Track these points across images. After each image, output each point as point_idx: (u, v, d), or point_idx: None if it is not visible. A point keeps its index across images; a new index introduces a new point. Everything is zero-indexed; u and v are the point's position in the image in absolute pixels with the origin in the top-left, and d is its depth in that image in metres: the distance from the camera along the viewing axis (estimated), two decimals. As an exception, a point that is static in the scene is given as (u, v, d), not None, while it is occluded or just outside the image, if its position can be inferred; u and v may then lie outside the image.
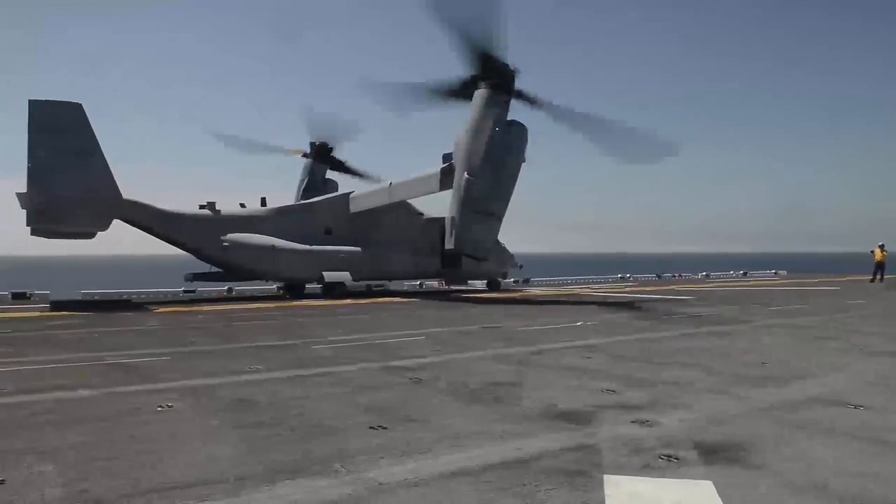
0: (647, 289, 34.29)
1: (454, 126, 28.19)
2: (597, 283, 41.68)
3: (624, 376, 9.80)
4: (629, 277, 45.64)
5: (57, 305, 24.83)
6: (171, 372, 10.38)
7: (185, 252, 30.83)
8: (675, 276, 48.24)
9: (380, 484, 5.16)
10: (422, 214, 34.50)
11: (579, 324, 17.45)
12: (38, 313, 21.94)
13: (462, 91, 27.09)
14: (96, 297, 29.73)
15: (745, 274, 50.40)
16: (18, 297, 29.44)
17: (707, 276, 48.26)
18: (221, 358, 12.02)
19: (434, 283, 38.28)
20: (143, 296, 31.41)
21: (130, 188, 28.31)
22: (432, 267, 33.70)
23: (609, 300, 26.63)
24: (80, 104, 26.53)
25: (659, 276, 47.50)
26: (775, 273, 51.96)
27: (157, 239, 29.93)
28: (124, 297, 31.09)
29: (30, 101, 25.57)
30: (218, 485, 5.12)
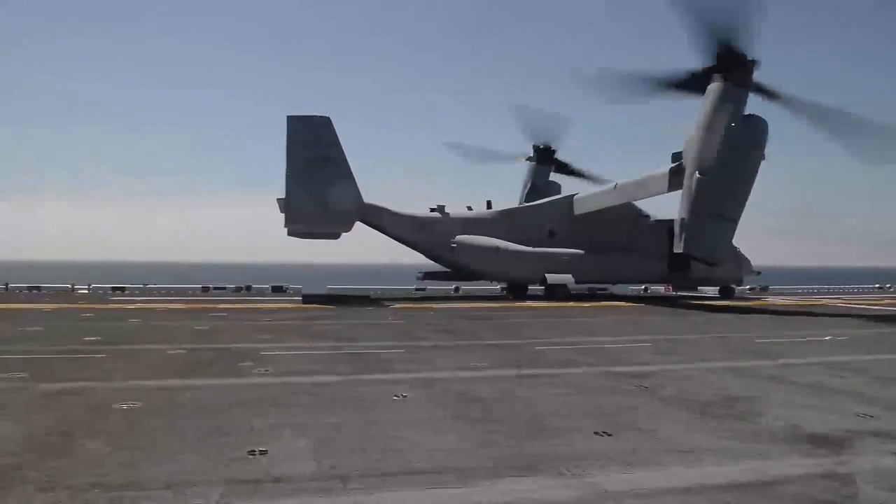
0: (914, 302, 29.93)
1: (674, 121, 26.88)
2: (848, 293, 37.26)
3: (886, 400, 8.65)
4: (889, 287, 40.18)
5: (308, 299, 27.79)
6: (405, 363, 11.12)
7: (416, 257, 32.88)
8: None
9: (606, 491, 5.08)
10: (648, 216, 33.35)
11: (828, 338, 15.74)
12: (292, 305, 24.68)
13: (691, 84, 25.57)
14: (340, 293, 32.70)
15: None
16: (277, 289, 33.55)
17: None
18: (450, 353, 12.60)
19: (660, 288, 36.79)
20: (379, 292, 33.88)
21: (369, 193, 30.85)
22: (659, 271, 32.42)
23: (865, 313, 23.68)
24: (329, 117, 29.41)
25: None
26: None
27: (391, 244, 32.30)
28: (364, 293, 33.80)
29: (287, 116, 28.92)
30: (448, 473, 5.38)
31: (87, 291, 33.85)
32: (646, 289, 36.99)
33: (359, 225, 30.53)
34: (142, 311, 21.55)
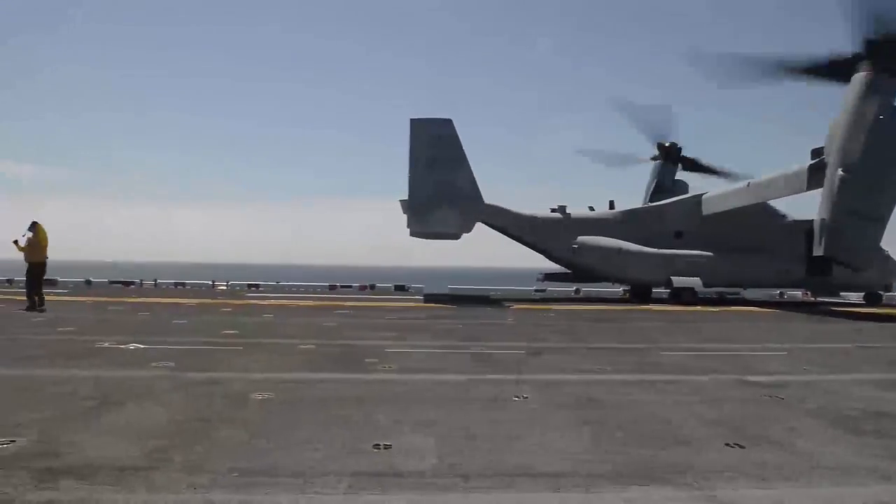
0: None
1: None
2: None
3: None
4: None
5: (429, 298, 28.35)
6: (525, 364, 11.07)
7: (535, 259, 32.74)
8: None
9: (737, 505, 4.84)
10: (785, 216, 31.46)
11: None
12: (414, 304, 25.24)
13: (834, 71, 23.78)
14: (461, 293, 33.15)
15: None
16: (399, 289, 34.54)
17: None
18: (570, 356, 12.44)
19: (797, 294, 34.59)
20: (499, 293, 33.99)
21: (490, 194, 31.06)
22: (796, 275, 30.47)
23: None
24: (451, 119, 29.88)
25: None
26: None
27: (511, 246, 32.33)
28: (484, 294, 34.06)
29: (411, 119, 29.64)
30: (570, 477, 5.31)
31: (225, 288, 36.29)
32: (781, 294, 34.89)
33: (479, 226, 30.76)
34: (274, 307, 22.78)
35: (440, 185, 28.92)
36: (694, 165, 36.98)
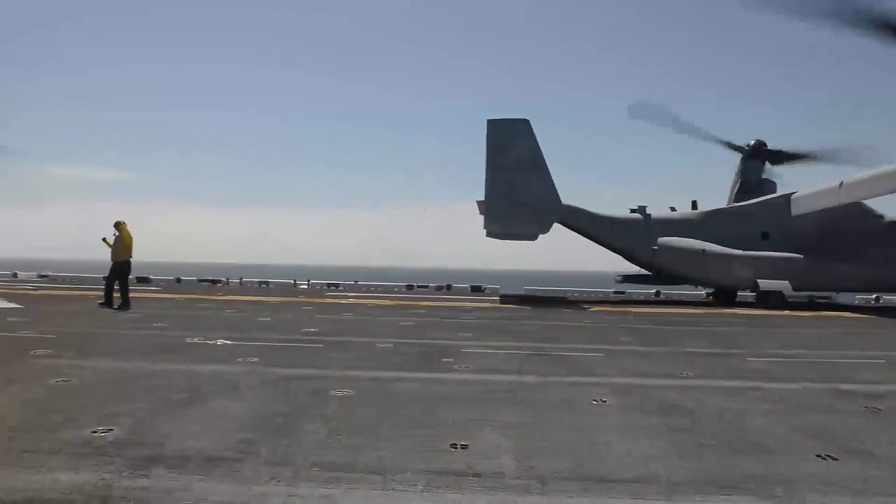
0: None
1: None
2: None
3: None
4: None
5: (505, 299, 28.34)
6: (604, 367, 10.90)
7: (613, 261, 32.14)
8: None
9: (829, 519, 4.62)
10: (882, 216, 29.81)
11: None
12: (490, 304, 25.25)
13: None
14: (537, 294, 32.98)
15: None
16: (475, 289, 34.70)
17: None
18: (651, 359, 12.14)
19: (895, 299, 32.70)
20: (576, 294, 33.60)
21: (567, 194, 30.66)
22: (894, 279, 28.81)
23: None
24: (528, 120, 29.71)
25: None
26: None
27: (587, 247, 31.85)
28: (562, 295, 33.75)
29: (488, 120, 29.63)
30: (651, 484, 5.19)
31: (306, 286, 37.33)
32: (877, 298, 33.05)
33: (556, 227, 30.47)
34: (353, 305, 23.23)
35: (517, 185, 28.80)
36: (780, 157, 35.03)
